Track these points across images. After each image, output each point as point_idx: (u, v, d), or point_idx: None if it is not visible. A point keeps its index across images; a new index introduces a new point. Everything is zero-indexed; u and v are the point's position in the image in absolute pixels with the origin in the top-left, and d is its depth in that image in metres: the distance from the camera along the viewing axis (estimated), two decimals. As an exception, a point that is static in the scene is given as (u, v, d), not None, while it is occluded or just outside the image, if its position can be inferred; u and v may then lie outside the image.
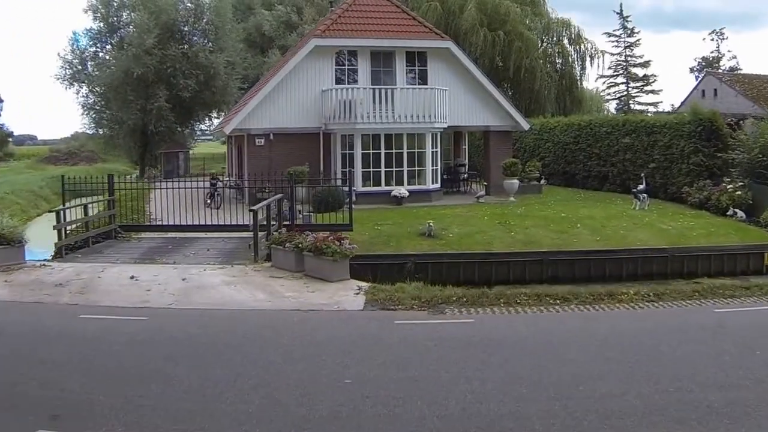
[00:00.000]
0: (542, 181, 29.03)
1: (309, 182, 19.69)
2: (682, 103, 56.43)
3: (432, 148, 23.73)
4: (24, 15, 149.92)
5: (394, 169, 23.32)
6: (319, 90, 23.76)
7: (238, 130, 24.18)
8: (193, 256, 14.84)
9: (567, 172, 29.75)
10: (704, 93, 51.96)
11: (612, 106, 63.97)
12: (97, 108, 44.10)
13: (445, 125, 24.07)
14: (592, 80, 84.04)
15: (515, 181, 24.16)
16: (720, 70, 60.06)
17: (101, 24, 41.88)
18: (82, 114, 44.26)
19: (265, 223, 15.01)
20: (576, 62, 42.13)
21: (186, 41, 40.74)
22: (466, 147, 30.02)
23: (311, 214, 16.97)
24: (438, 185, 24.35)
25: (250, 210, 13.94)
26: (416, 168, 23.53)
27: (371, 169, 23.30)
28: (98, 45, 43.08)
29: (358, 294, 10.86)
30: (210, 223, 16.93)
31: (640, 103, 62.02)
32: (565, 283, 15.48)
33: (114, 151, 51.35)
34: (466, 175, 27.95)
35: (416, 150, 23.50)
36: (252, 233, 14.23)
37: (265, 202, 14.66)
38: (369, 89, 23.20)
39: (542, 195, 26.12)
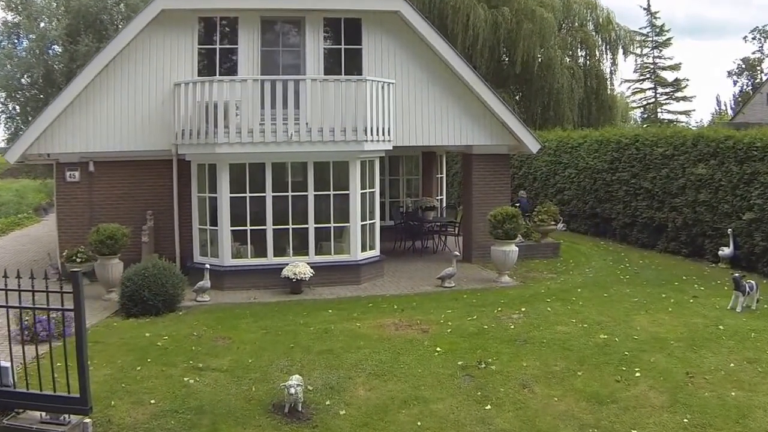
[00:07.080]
0: (560, 225, 18.86)
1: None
2: (738, 112, 45.74)
3: (363, 188, 13.41)
4: None
5: (290, 226, 13.05)
6: (172, 85, 13.73)
7: (35, 156, 14.07)
8: None
9: (597, 214, 19.40)
10: (769, 98, 41.34)
11: (637, 115, 53.25)
12: (17, 118, 37.14)
13: (389, 145, 13.78)
14: (621, 80, 71.59)
15: (512, 249, 13.49)
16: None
17: (15, 15, 34.37)
18: (-1, 125, 36.99)
19: None
20: (605, 55, 31.69)
21: (105, 32, 32.27)
22: (443, 176, 19.75)
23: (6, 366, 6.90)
24: (375, 252, 13.81)
25: None
26: (332, 224, 13.22)
27: (249, 227, 12.99)
28: (16, 41, 35.77)
29: None
30: None
31: (669, 112, 51.12)
32: None
33: (37, 170, 43.75)
34: (438, 224, 17.50)
35: (332, 192, 13.19)
36: None
37: None
38: (255, 82, 12.98)
39: (559, 262, 15.82)
